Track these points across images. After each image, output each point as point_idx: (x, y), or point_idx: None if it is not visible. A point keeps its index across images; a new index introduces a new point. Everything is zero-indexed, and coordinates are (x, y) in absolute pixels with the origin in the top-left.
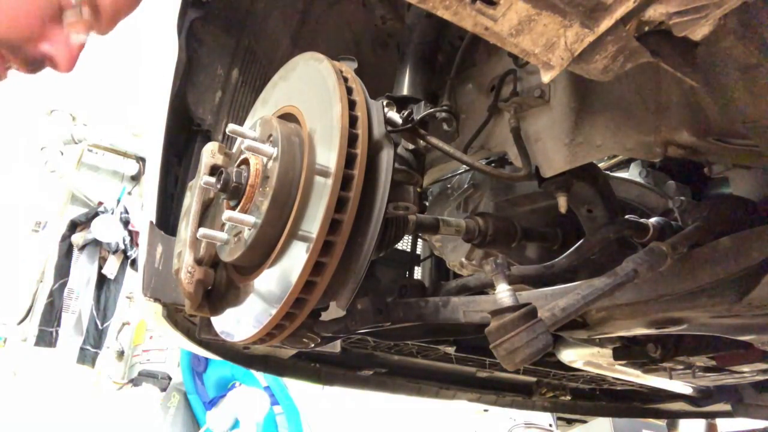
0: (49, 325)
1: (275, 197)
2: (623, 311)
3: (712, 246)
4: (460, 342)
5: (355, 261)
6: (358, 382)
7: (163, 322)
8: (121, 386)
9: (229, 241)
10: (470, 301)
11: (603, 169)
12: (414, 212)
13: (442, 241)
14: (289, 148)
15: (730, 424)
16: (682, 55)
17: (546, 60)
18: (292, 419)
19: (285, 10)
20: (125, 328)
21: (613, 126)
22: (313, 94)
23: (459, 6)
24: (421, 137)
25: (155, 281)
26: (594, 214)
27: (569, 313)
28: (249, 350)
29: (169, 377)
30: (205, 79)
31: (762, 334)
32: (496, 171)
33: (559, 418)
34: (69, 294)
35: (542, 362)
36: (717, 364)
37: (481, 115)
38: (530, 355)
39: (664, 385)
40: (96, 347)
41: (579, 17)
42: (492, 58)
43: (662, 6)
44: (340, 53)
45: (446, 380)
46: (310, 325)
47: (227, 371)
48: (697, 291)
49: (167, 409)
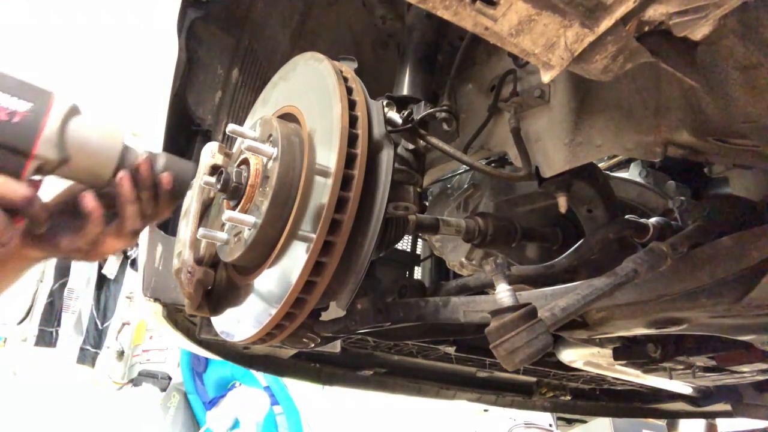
0: (49, 325)
1: (275, 197)
2: (623, 311)
3: (712, 246)
4: (460, 342)
5: (355, 261)
6: (358, 382)
7: (163, 322)
8: (121, 386)
9: (229, 241)
10: (470, 301)
11: (603, 169)
12: (414, 212)
13: (442, 241)
14: (289, 148)
15: (730, 424)
16: (682, 55)
17: (546, 60)
18: (292, 419)
19: (285, 10)
20: (125, 328)
21: (613, 126)
22: (313, 94)
23: (459, 6)
24: (421, 137)
25: (155, 281)
26: (594, 214)
27: (569, 313)
28: (249, 350)
29: (169, 377)
30: (205, 79)
31: (762, 334)
32: (496, 171)
33: (559, 418)
34: (69, 294)
35: (542, 362)
36: (717, 364)
37: (481, 115)
38: (530, 355)
39: (664, 385)
40: (96, 347)
41: (579, 17)
42: (492, 58)
43: (662, 6)
44: (340, 53)
45: (446, 380)
46: (310, 325)
47: (227, 371)
48: (697, 291)
49: (167, 409)
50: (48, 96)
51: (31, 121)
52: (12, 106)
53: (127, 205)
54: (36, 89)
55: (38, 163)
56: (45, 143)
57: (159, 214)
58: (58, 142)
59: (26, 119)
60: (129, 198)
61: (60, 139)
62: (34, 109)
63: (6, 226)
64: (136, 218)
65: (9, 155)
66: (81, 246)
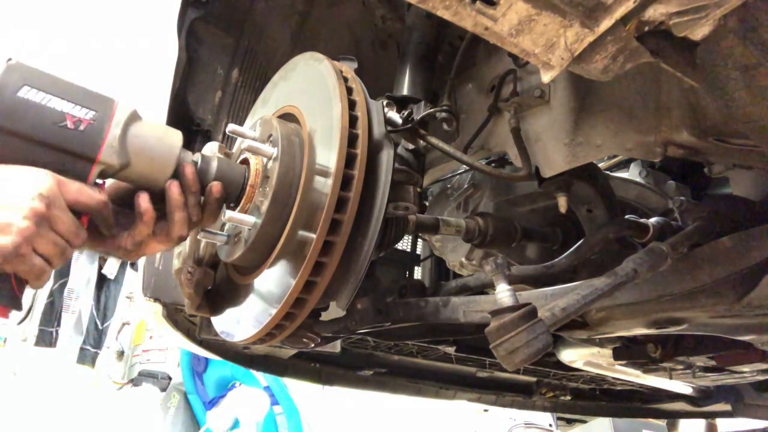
0: (49, 325)
1: (275, 197)
2: (623, 311)
3: (712, 246)
4: (460, 342)
5: (355, 261)
6: (358, 382)
7: (163, 322)
8: (121, 386)
9: (229, 241)
10: (470, 301)
11: (603, 169)
12: (414, 212)
13: (442, 241)
14: (289, 148)
15: (730, 424)
16: (682, 55)
17: (546, 60)
18: (292, 419)
19: (285, 11)
20: (125, 328)
21: (613, 126)
22: (313, 94)
23: (459, 6)
24: (421, 137)
25: (155, 281)
26: (594, 214)
27: (569, 313)
28: (249, 350)
29: (169, 377)
30: (205, 79)
31: (762, 334)
32: (496, 171)
33: (559, 418)
34: (69, 294)
35: (542, 362)
36: (717, 364)
37: (481, 115)
38: (530, 355)
39: (664, 385)
40: (96, 347)
41: (579, 17)
42: (492, 58)
43: (662, 6)
44: (340, 53)
45: (446, 380)
46: (310, 325)
47: (227, 371)
48: (697, 291)
49: (167, 409)
50: (111, 103)
51: (95, 129)
52: (77, 114)
53: (176, 211)
54: (99, 97)
55: (102, 168)
56: (108, 149)
57: (206, 220)
58: (120, 148)
59: (91, 127)
60: (177, 204)
61: (122, 144)
62: (98, 117)
63: (79, 229)
64: (184, 224)
65: (76, 161)
66: (126, 245)
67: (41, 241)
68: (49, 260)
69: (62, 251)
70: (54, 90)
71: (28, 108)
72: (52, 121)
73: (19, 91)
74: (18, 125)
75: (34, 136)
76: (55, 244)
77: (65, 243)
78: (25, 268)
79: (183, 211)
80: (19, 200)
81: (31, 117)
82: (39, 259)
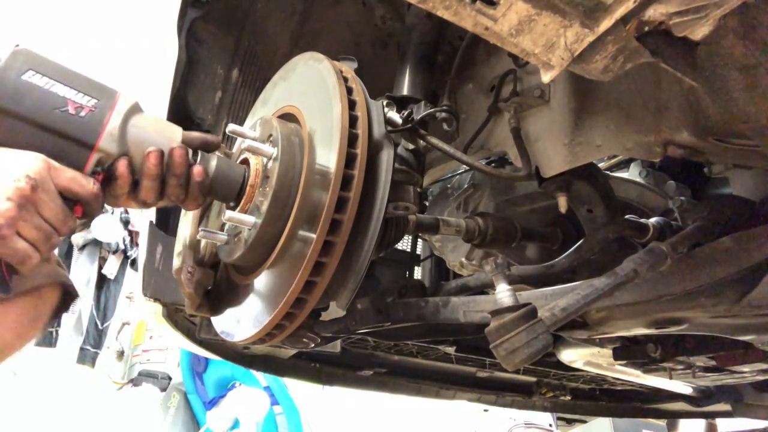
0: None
1: (275, 197)
2: (623, 311)
3: (712, 246)
4: (460, 342)
5: (355, 261)
6: (358, 382)
7: (163, 322)
8: (121, 386)
9: (229, 241)
10: (470, 301)
11: (603, 169)
12: (414, 212)
13: (442, 241)
14: (289, 148)
15: (730, 424)
16: (682, 55)
17: (546, 60)
18: (292, 419)
19: (285, 10)
20: (125, 328)
21: (613, 126)
22: (313, 94)
23: (459, 6)
24: (421, 137)
25: (155, 281)
26: (594, 214)
27: (569, 313)
28: (249, 350)
29: (169, 377)
30: (205, 79)
31: (762, 334)
32: (496, 171)
33: (559, 418)
34: None
35: (542, 362)
36: (717, 364)
37: (481, 115)
38: (530, 355)
39: (664, 385)
40: (96, 347)
41: (579, 17)
42: (492, 58)
43: (662, 6)
44: (340, 53)
45: (446, 380)
46: (310, 325)
47: (227, 371)
48: (697, 291)
49: (167, 409)
50: (113, 94)
51: (96, 116)
52: (80, 101)
53: (145, 178)
54: (103, 87)
55: (100, 156)
56: (108, 137)
57: (188, 204)
58: (120, 137)
59: (92, 114)
60: (148, 173)
61: (121, 134)
62: (99, 105)
63: (67, 217)
64: (150, 192)
65: (75, 147)
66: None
67: (25, 225)
68: (35, 245)
69: (47, 237)
70: (58, 77)
71: (30, 91)
72: (54, 106)
73: (24, 74)
74: (19, 107)
75: (35, 119)
76: (39, 228)
77: (51, 229)
78: (8, 251)
79: (154, 181)
80: (4, 181)
81: (33, 100)
82: (23, 243)
